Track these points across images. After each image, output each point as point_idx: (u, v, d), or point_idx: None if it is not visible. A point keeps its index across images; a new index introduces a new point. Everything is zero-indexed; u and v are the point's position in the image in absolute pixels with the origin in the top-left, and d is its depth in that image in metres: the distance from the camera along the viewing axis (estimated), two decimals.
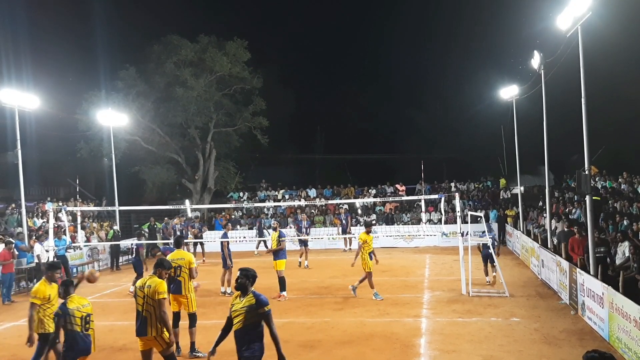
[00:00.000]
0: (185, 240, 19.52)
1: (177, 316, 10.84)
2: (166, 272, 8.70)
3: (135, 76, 33.56)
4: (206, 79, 34.24)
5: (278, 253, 16.20)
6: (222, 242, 17.04)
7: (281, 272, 15.98)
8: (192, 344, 10.69)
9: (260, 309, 7.00)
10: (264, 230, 28.39)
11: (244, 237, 29.32)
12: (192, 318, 10.79)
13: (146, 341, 8.22)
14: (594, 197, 19.85)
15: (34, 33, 37.48)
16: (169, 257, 10.75)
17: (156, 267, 8.53)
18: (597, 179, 25.08)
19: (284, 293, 15.93)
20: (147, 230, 27.75)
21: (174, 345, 8.98)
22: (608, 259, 14.49)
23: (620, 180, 24.23)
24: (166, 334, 8.20)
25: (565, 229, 18.21)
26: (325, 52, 53.25)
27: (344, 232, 27.07)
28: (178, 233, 26.19)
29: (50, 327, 8.78)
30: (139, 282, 8.38)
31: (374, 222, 29.20)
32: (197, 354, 10.55)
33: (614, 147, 27.35)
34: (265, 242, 27.67)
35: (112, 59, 36.40)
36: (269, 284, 16.06)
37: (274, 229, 16.83)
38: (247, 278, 7.20)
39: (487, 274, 17.54)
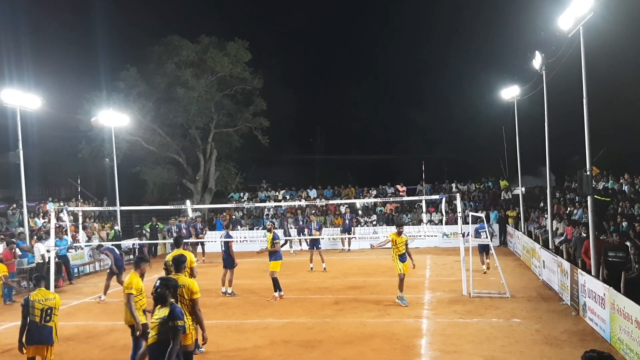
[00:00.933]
0: (186, 240, 19.59)
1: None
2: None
3: (136, 76, 33.60)
4: (207, 80, 34.26)
5: (273, 254, 16.11)
6: (227, 242, 17.03)
7: (274, 272, 15.89)
8: (195, 340, 10.72)
9: (172, 322, 6.48)
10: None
11: (245, 238, 29.31)
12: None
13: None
14: (602, 198, 19.92)
15: (36, 33, 37.56)
16: (168, 257, 10.69)
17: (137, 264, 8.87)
18: (599, 180, 25.06)
19: (277, 293, 15.87)
20: (148, 230, 27.80)
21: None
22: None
23: (621, 181, 24.22)
24: (193, 332, 8.15)
25: (583, 234, 16.96)
26: (326, 53, 53.28)
27: (348, 231, 27.10)
28: (183, 232, 26.26)
29: (143, 318, 9.07)
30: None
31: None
32: (201, 350, 10.57)
33: (615, 148, 27.31)
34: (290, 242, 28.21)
35: (113, 60, 36.45)
36: (269, 284, 16.08)
37: (269, 230, 16.73)
38: (167, 288, 6.73)
39: (483, 263, 19.18)
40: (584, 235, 16.62)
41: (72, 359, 10.81)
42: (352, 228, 27.94)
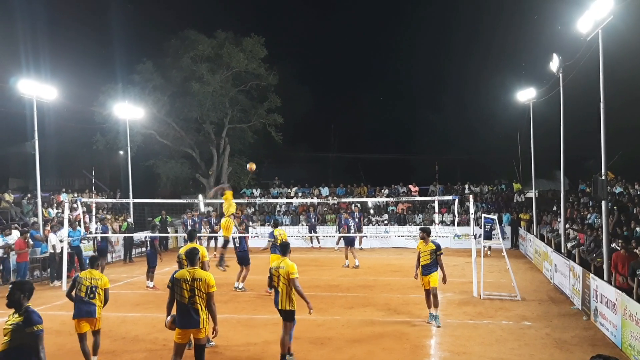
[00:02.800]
0: (199, 235, 19.69)
1: None
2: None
3: (152, 70, 33.79)
4: (222, 75, 34.37)
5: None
6: (244, 238, 17.12)
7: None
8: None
9: (28, 328, 6.03)
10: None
11: (256, 234, 29.36)
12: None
13: (187, 333, 8.10)
14: (617, 204, 19.69)
15: (53, 25, 37.75)
16: (181, 250, 10.99)
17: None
18: (614, 185, 24.83)
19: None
20: (159, 223, 27.92)
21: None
22: None
23: (636, 186, 23.97)
24: (209, 326, 8.23)
25: (617, 247, 14.93)
26: (342, 51, 53.13)
27: (358, 230, 27.10)
28: (196, 226, 26.38)
29: None
30: (180, 274, 8.17)
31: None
32: (211, 344, 10.64)
33: (630, 153, 27.08)
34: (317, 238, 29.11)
35: (130, 53, 36.64)
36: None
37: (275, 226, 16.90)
38: (21, 292, 6.27)
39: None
40: (612, 246, 15.02)
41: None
42: (362, 227, 27.90)
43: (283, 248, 10.33)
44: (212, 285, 8.16)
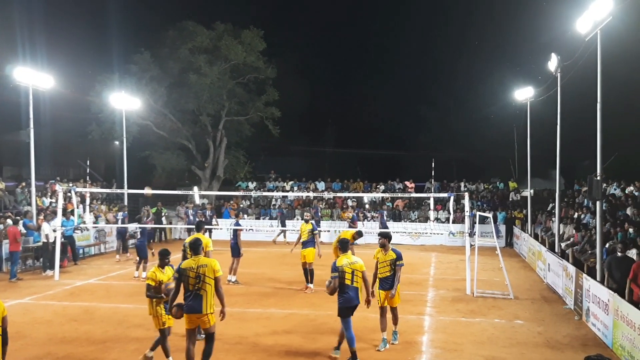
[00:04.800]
0: (189, 226, 19.64)
1: None
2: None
3: (149, 61, 33.62)
4: (220, 67, 34.23)
5: (308, 242, 16.15)
6: (236, 230, 17.09)
7: (311, 264, 15.98)
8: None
9: None
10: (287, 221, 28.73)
11: (251, 227, 29.37)
12: None
13: (195, 319, 8.31)
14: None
15: (50, 13, 37.42)
16: (187, 240, 11.23)
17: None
18: (607, 186, 24.89)
19: (311, 285, 15.92)
20: (153, 214, 27.88)
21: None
22: None
23: (632, 188, 24.03)
24: (212, 313, 8.38)
25: (619, 253, 13.23)
26: (340, 47, 53.10)
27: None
28: (190, 218, 26.36)
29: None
30: (186, 264, 8.39)
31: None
32: (201, 336, 10.67)
33: (626, 154, 27.13)
34: (284, 232, 28.51)
35: (127, 43, 36.44)
36: (273, 274, 16.10)
37: (306, 221, 16.74)
38: None
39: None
40: (621, 254, 13.23)
41: (75, 339, 10.86)
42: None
43: (343, 244, 9.99)
44: (218, 269, 8.40)
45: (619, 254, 13.18)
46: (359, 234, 16.12)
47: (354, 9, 54.40)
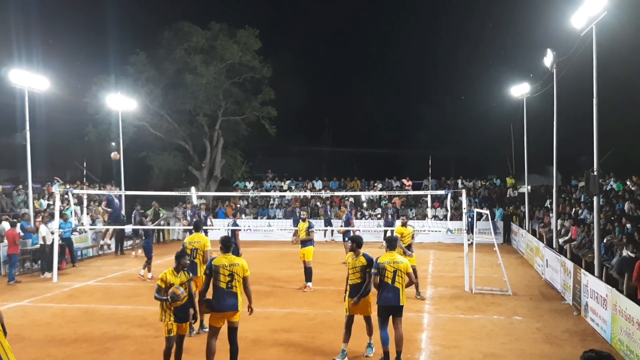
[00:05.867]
0: (188, 227, 19.63)
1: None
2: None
3: (145, 62, 33.61)
4: (216, 67, 34.23)
5: (308, 241, 16.13)
6: (234, 231, 17.10)
7: (309, 262, 15.97)
8: (202, 321, 11.20)
9: None
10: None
11: (249, 227, 29.37)
12: None
13: (225, 315, 8.50)
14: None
15: (45, 15, 37.50)
16: (186, 240, 11.83)
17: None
18: (607, 181, 24.95)
19: (310, 284, 15.93)
20: (149, 215, 27.84)
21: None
22: None
23: (629, 183, 24.08)
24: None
25: (631, 254, 13.59)
26: (337, 45, 53.01)
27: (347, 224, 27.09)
28: (188, 219, 26.33)
29: None
30: (218, 261, 8.59)
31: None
32: (204, 330, 10.89)
33: (623, 149, 27.18)
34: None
35: (123, 44, 36.44)
36: (270, 273, 16.09)
37: (303, 220, 16.77)
38: None
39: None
40: (632, 255, 13.50)
41: (74, 341, 10.85)
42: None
43: (391, 242, 9.76)
44: (247, 269, 8.71)
45: (631, 254, 13.10)
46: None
47: (350, 8, 54.38)
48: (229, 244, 8.82)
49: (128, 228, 24.77)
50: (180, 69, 33.97)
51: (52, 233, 18.64)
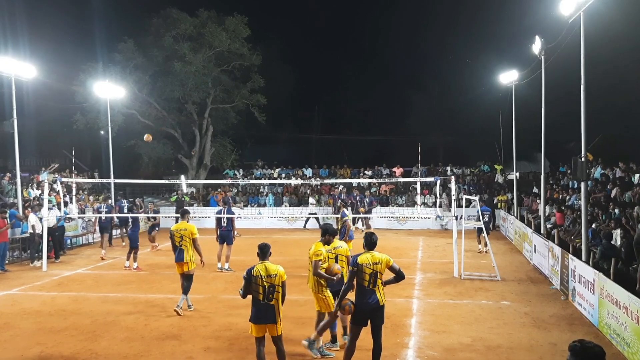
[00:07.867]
0: (176, 215, 19.57)
1: (181, 277, 12.14)
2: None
3: (133, 49, 33.40)
4: (205, 54, 34.06)
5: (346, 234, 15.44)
6: (230, 218, 17.16)
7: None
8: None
9: None
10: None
11: (239, 215, 29.37)
12: (190, 278, 12.00)
13: (262, 327, 8.06)
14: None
15: (32, 1, 37.13)
16: (173, 228, 11.98)
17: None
18: (592, 167, 25.08)
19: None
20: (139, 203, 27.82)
21: None
22: None
23: (616, 169, 24.23)
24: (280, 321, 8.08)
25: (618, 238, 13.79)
26: (326, 32, 52.86)
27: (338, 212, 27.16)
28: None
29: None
30: (256, 270, 7.94)
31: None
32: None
33: (611, 135, 27.36)
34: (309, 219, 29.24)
35: (111, 31, 36.25)
36: None
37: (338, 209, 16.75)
38: None
39: (479, 243, 20.42)
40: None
41: (64, 329, 10.84)
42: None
43: (371, 242, 8.87)
44: (283, 274, 8.06)
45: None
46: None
47: None
48: (267, 250, 8.14)
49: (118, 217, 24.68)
50: (168, 56, 33.77)
51: (41, 219, 18.54)
